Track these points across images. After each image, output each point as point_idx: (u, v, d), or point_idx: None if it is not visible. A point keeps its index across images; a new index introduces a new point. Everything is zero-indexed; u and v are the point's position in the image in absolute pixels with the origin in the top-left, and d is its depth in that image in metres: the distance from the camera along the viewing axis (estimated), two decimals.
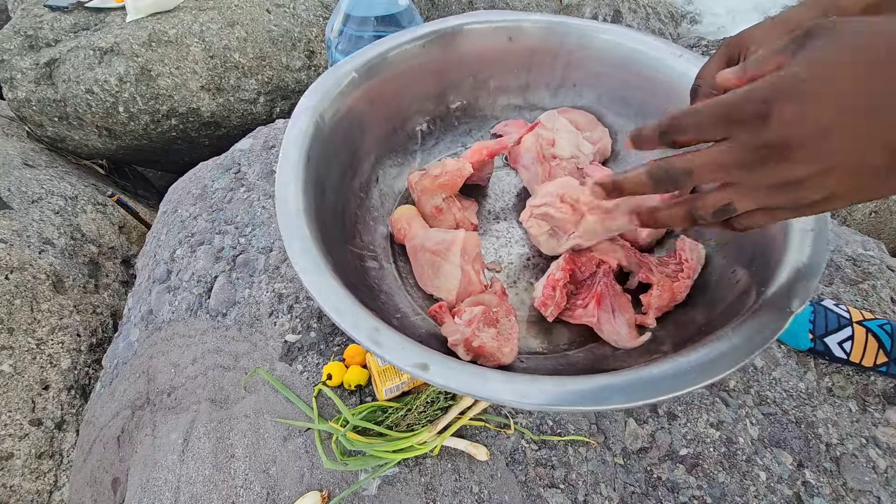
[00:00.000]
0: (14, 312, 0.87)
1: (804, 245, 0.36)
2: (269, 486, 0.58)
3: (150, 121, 1.16)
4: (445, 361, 0.33)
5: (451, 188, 0.50)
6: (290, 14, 1.27)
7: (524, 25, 0.53)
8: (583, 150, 0.53)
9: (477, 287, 0.47)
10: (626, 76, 0.52)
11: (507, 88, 0.58)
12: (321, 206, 0.44)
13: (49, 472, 0.84)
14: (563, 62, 0.55)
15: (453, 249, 0.46)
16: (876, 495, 0.61)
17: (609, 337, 0.46)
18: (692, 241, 0.46)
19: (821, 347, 0.68)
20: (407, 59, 0.53)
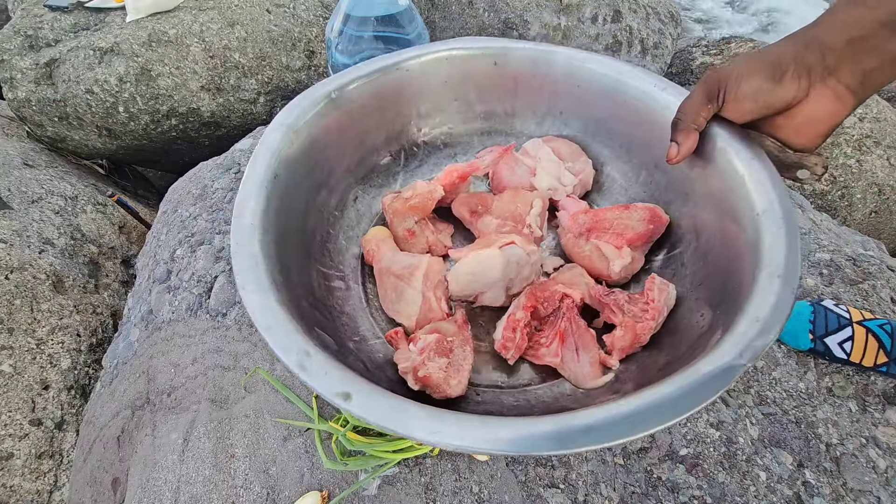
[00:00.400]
0: (14, 312, 0.87)
1: (769, 293, 0.34)
2: (269, 486, 0.58)
3: (150, 121, 1.16)
4: (370, 393, 0.32)
5: (423, 210, 0.50)
6: (290, 14, 1.27)
7: (510, 52, 0.54)
8: (563, 181, 0.53)
9: (437, 314, 0.46)
10: (611, 107, 0.53)
11: (493, 114, 0.58)
12: (285, 224, 0.43)
13: (49, 472, 0.84)
14: (550, 90, 0.55)
15: (416, 275, 0.45)
16: (876, 495, 0.61)
17: (571, 377, 0.44)
18: (662, 280, 0.45)
19: (821, 348, 0.68)
20: (390, 80, 0.53)
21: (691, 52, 1.66)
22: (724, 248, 0.42)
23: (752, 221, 0.39)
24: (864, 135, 1.34)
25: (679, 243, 0.49)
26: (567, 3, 1.30)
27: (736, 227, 0.41)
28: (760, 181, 0.40)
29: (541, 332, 0.45)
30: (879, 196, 1.34)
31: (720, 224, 0.43)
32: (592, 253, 0.49)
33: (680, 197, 0.49)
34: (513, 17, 1.25)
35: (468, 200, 0.53)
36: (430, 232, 0.51)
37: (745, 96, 0.39)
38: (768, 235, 0.37)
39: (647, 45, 1.43)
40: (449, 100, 0.57)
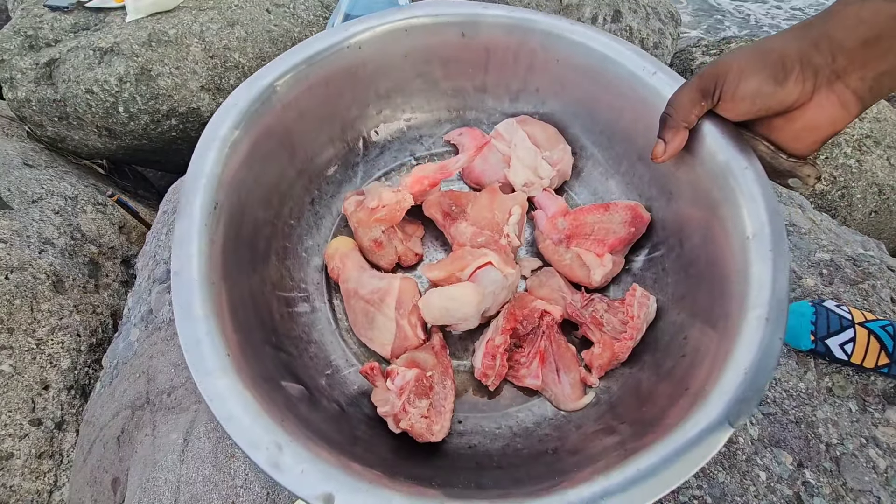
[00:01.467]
0: (14, 312, 0.87)
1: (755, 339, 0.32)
2: (269, 486, 0.58)
3: (150, 121, 1.16)
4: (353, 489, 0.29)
5: (391, 222, 0.44)
6: (290, 14, 1.27)
7: (480, 20, 0.45)
8: (540, 172, 0.48)
9: (413, 342, 0.42)
10: (594, 88, 0.46)
11: (461, 90, 0.50)
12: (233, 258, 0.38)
13: (49, 472, 0.84)
14: (526, 64, 0.48)
15: (387, 301, 0.41)
16: (876, 495, 0.61)
17: (553, 399, 0.43)
18: (643, 293, 0.42)
19: (822, 349, 0.67)
20: (341, 60, 0.44)
21: (691, 52, 1.66)
22: (710, 266, 0.39)
23: (742, 244, 0.36)
24: (864, 135, 1.34)
25: (661, 245, 0.45)
26: (567, 3, 1.30)
27: (723, 245, 0.38)
28: (753, 197, 0.36)
29: (520, 350, 0.43)
30: (879, 196, 1.34)
31: (706, 235, 0.40)
32: (573, 262, 0.46)
33: (664, 195, 0.44)
34: None
35: (441, 201, 0.47)
36: (399, 241, 0.46)
37: (744, 96, 0.35)
38: (757, 266, 0.34)
39: (647, 45, 1.43)
40: (411, 77, 0.49)
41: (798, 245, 0.88)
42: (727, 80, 0.35)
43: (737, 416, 0.30)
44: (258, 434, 0.30)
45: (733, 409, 0.30)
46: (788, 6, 3.34)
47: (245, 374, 0.33)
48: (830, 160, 1.33)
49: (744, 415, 0.30)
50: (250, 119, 0.40)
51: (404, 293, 0.42)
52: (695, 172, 0.40)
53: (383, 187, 0.45)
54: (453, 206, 0.47)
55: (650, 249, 0.46)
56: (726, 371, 0.31)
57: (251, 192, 0.41)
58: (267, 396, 0.32)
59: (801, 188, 0.38)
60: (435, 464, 0.37)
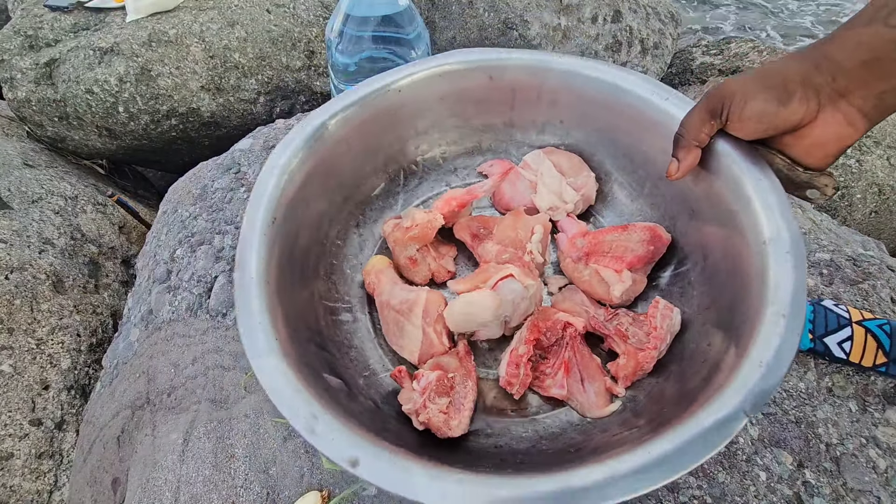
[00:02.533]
0: (14, 312, 0.87)
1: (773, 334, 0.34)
2: (269, 486, 0.58)
3: (150, 121, 1.16)
4: (376, 456, 0.33)
5: (423, 240, 0.49)
6: (290, 14, 1.27)
7: (505, 64, 0.52)
8: (564, 197, 0.52)
9: (439, 349, 0.45)
10: (612, 116, 0.51)
11: (491, 126, 0.57)
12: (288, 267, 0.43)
13: (49, 472, 0.84)
14: (548, 100, 0.53)
15: (415, 311, 0.45)
16: (876, 495, 0.61)
17: (578, 407, 0.44)
18: (666, 305, 0.44)
19: (820, 348, 0.68)
20: (384, 102, 0.51)
21: (691, 52, 1.66)
22: (732, 275, 0.41)
23: (759, 249, 0.38)
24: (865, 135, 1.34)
25: (686, 261, 0.48)
26: (567, 3, 1.30)
27: (743, 252, 0.40)
28: (769, 205, 0.38)
29: (545, 362, 0.45)
30: (879, 196, 1.34)
31: (727, 246, 0.42)
32: (592, 277, 0.48)
33: (686, 212, 0.47)
34: (513, 17, 1.25)
35: (469, 224, 0.52)
36: (433, 258, 0.51)
37: (749, 117, 0.37)
38: (775, 267, 0.36)
39: (647, 45, 1.43)
40: (445, 116, 0.55)
41: None
42: (734, 102, 0.37)
43: (752, 407, 0.31)
44: (298, 405, 0.35)
45: (749, 400, 0.31)
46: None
47: (290, 359, 0.38)
48: None
49: (759, 405, 0.31)
50: (306, 152, 0.46)
51: (431, 303, 0.46)
52: (712, 187, 0.43)
53: (418, 210, 0.50)
54: (481, 229, 0.52)
55: (675, 265, 0.49)
56: (743, 365, 0.33)
57: (304, 215, 0.47)
58: (308, 380, 0.37)
59: (819, 199, 0.38)
60: (458, 456, 0.40)
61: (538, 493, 0.30)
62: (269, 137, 0.99)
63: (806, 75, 0.35)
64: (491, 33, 1.28)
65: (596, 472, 0.30)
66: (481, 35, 1.29)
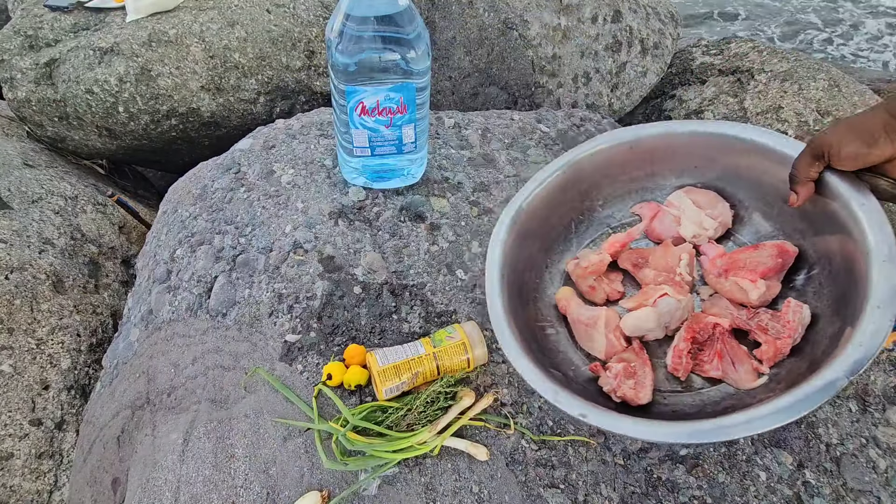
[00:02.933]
0: (14, 312, 0.87)
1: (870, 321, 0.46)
2: (269, 486, 0.58)
3: (150, 121, 1.16)
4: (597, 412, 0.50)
5: (598, 273, 0.67)
6: (290, 14, 1.27)
7: (642, 136, 0.69)
8: (705, 226, 0.65)
9: (618, 348, 0.62)
10: (738, 158, 0.64)
11: (636, 178, 0.72)
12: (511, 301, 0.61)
13: (49, 472, 0.84)
14: (682, 154, 0.68)
15: (599, 323, 0.62)
16: (876, 495, 0.61)
17: (733, 383, 0.57)
18: (797, 303, 0.56)
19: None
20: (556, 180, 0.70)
21: (691, 52, 1.66)
22: (848, 276, 0.52)
23: (865, 257, 0.49)
24: None
25: (816, 265, 0.59)
26: (567, 3, 1.30)
27: (856, 258, 0.51)
28: (871, 223, 0.50)
29: (702, 353, 0.59)
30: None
31: (844, 253, 0.54)
32: (732, 287, 0.60)
33: (812, 228, 0.59)
34: (513, 16, 1.25)
35: (630, 256, 0.68)
36: (606, 284, 0.68)
37: (847, 157, 0.49)
38: (875, 271, 0.48)
39: (647, 45, 1.42)
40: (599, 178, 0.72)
41: None
42: (832, 149, 0.49)
43: (851, 372, 0.43)
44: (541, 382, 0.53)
45: (849, 368, 0.43)
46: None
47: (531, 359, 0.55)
48: None
49: (856, 371, 0.43)
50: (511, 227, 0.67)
51: (610, 318, 0.63)
52: (827, 208, 0.54)
53: (591, 252, 0.70)
54: (639, 259, 0.67)
55: (808, 270, 0.60)
56: (848, 345, 0.45)
57: (516, 266, 0.65)
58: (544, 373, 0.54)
59: None
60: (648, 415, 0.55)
61: (700, 429, 0.46)
62: (269, 137, 0.99)
63: (886, 123, 0.47)
64: (491, 33, 1.28)
65: (740, 417, 0.45)
66: (481, 35, 1.29)
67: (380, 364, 0.60)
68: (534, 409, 0.64)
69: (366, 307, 0.73)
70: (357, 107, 0.76)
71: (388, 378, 0.60)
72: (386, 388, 0.60)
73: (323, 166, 0.92)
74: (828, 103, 1.36)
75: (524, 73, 1.30)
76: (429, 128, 0.89)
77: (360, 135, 0.79)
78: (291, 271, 0.76)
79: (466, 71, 1.33)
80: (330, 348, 0.69)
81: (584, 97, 1.38)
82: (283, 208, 0.85)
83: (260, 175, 0.91)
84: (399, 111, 0.77)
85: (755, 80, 1.44)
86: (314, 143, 0.97)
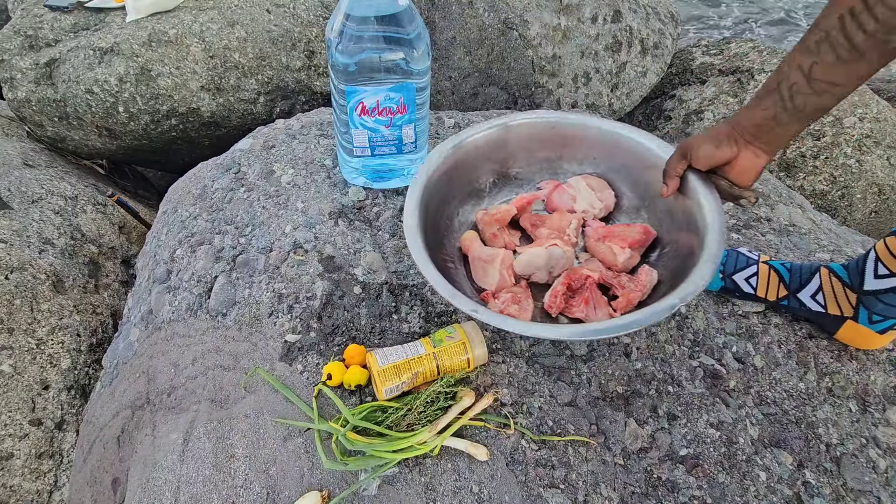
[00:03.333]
0: (14, 312, 0.87)
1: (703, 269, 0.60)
2: (269, 486, 0.58)
3: (150, 121, 1.16)
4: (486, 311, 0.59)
5: (502, 222, 0.79)
6: (290, 14, 1.27)
7: (562, 120, 0.81)
8: (594, 205, 0.80)
9: (508, 283, 0.73)
10: (628, 157, 0.79)
11: (548, 159, 0.84)
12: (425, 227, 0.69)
13: (49, 472, 0.84)
14: (587, 145, 0.82)
15: (496, 261, 0.73)
16: (876, 495, 0.61)
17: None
18: (648, 268, 0.71)
19: (730, 285, 0.75)
20: (478, 142, 0.79)
21: (691, 52, 1.66)
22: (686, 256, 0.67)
23: (703, 232, 0.64)
24: (864, 135, 1.34)
25: (667, 246, 0.75)
26: (567, 3, 1.30)
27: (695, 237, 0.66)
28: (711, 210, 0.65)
29: (574, 299, 0.71)
30: (879, 196, 1.34)
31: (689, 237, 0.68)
32: (606, 250, 0.74)
33: (668, 217, 0.74)
34: (513, 16, 1.25)
35: (530, 217, 0.81)
36: (507, 235, 0.79)
37: (701, 157, 0.63)
38: (709, 240, 0.63)
39: (647, 45, 1.42)
40: (518, 150, 0.83)
41: (798, 245, 0.88)
42: (691, 150, 0.63)
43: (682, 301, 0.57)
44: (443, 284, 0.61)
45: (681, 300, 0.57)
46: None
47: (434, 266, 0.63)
48: (830, 160, 1.33)
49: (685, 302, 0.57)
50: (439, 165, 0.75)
51: (506, 256, 0.73)
52: (684, 203, 0.69)
53: (501, 204, 0.83)
54: (537, 221, 0.80)
55: (660, 249, 0.76)
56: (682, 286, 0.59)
57: (436, 198, 0.74)
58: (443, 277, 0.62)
59: (747, 205, 0.64)
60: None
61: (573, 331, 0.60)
62: (269, 137, 0.99)
63: (729, 133, 0.60)
64: (491, 33, 1.28)
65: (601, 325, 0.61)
66: (481, 35, 1.29)
67: (380, 364, 0.60)
68: (534, 409, 0.64)
69: (366, 307, 0.73)
70: (357, 107, 0.76)
71: (388, 378, 0.60)
72: (386, 388, 0.60)
73: (323, 166, 0.92)
74: None
75: (524, 73, 1.30)
76: (429, 128, 0.89)
77: (360, 135, 0.79)
78: (291, 271, 0.76)
79: (466, 71, 1.33)
80: (330, 348, 0.69)
81: (584, 97, 1.38)
82: (283, 208, 0.85)
83: (260, 175, 0.91)
84: (399, 111, 0.78)
85: (755, 80, 1.44)
86: (314, 143, 0.97)
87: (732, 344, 0.72)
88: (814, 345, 0.73)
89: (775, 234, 0.89)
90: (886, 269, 0.62)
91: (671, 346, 0.72)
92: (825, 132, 1.34)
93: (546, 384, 0.67)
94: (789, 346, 0.73)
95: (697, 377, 0.69)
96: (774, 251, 0.85)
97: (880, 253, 0.63)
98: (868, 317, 0.66)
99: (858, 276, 0.66)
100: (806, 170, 1.34)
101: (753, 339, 0.73)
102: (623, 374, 0.69)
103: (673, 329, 0.74)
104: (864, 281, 0.65)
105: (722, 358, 0.71)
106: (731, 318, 0.76)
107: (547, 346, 0.71)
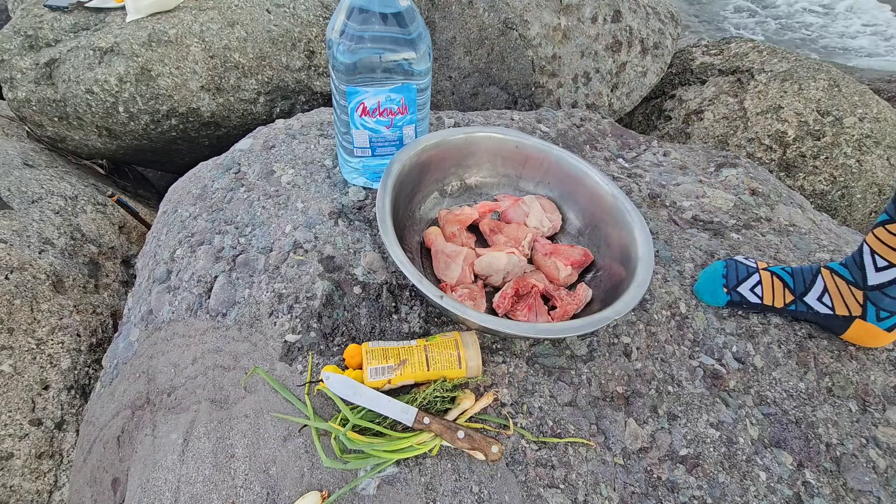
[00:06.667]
0: (14, 312, 0.87)
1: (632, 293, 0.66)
2: (269, 486, 0.58)
3: (150, 121, 1.16)
4: (450, 300, 0.62)
5: (463, 224, 0.84)
6: (290, 14, 1.27)
7: (526, 142, 0.88)
8: (543, 224, 0.87)
9: (468, 280, 0.78)
10: (577, 186, 0.87)
11: (508, 175, 0.92)
12: (395, 213, 0.72)
13: (49, 472, 0.84)
14: (545, 168, 0.89)
15: (459, 257, 0.77)
16: (876, 495, 0.61)
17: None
18: (585, 286, 0.77)
19: (737, 298, 0.74)
20: (451, 145, 0.85)
21: (691, 52, 1.65)
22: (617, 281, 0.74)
23: (634, 262, 0.71)
24: (864, 135, 1.34)
25: (600, 270, 0.81)
26: (567, 3, 1.30)
27: (625, 268, 0.73)
28: (644, 240, 0.73)
29: (519, 304, 0.76)
30: (879, 196, 1.34)
31: (619, 265, 0.76)
32: (550, 265, 0.80)
33: (605, 245, 0.82)
34: (513, 16, 1.25)
35: (490, 223, 0.87)
36: (465, 237, 0.84)
37: None
38: (640, 269, 0.69)
39: (647, 45, 1.42)
40: (484, 161, 0.90)
41: (798, 245, 0.88)
42: None
43: (617, 315, 0.63)
44: (411, 269, 0.63)
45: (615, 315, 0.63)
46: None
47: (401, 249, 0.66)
48: (830, 160, 1.33)
49: (619, 314, 0.63)
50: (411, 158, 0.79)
51: (469, 254, 0.78)
52: (620, 234, 0.77)
53: (465, 206, 0.89)
54: (496, 227, 0.86)
55: (595, 272, 0.82)
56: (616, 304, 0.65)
57: (402, 192, 0.78)
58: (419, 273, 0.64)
59: None
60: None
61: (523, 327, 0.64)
62: (269, 137, 0.99)
63: None
64: (491, 33, 1.28)
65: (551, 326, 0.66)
66: (481, 35, 1.29)
67: (370, 346, 0.62)
68: (534, 410, 0.64)
69: (365, 307, 0.73)
70: (358, 107, 0.76)
71: (375, 358, 0.61)
72: (371, 368, 0.60)
73: (323, 166, 0.92)
74: (828, 103, 1.36)
75: (524, 73, 1.30)
76: (429, 128, 0.89)
77: (361, 135, 0.79)
78: (291, 271, 0.76)
79: (466, 71, 1.33)
80: (330, 349, 0.69)
81: (584, 97, 1.38)
82: (283, 208, 0.85)
83: (260, 175, 0.91)
84: (400, 112, 0.78)
85: (755, 80, 1.44)
86: (314, 143, 0.97)
87: (732, 344, 0.73)
88: (814, 345, 0.73)
89: (775, 234, 0.89)
90: (885, 260, 0.62)
91: (671, 346, 0.72)
92: (825, 132, 1.34)
93: (546, 384, 0.67)
94: (789, 346, 0.73)
95: (697, 377, 0.69)
96: (774, 251, 0.85)
97: (873, 245, 0.63)
98: (876, 314, 0.66)
99: (859, 272, 0.66)
100: (806, 170, 1.34)
101: (753, 339, 0.73)
102: (623, 373, 0.69)
103: (673, 329, 0.74)
104: (867, 276, 0.65)
105: (722, 358, 0.71)
106: (731, 318, 0.76)
107: (547, 347, 0.71)
